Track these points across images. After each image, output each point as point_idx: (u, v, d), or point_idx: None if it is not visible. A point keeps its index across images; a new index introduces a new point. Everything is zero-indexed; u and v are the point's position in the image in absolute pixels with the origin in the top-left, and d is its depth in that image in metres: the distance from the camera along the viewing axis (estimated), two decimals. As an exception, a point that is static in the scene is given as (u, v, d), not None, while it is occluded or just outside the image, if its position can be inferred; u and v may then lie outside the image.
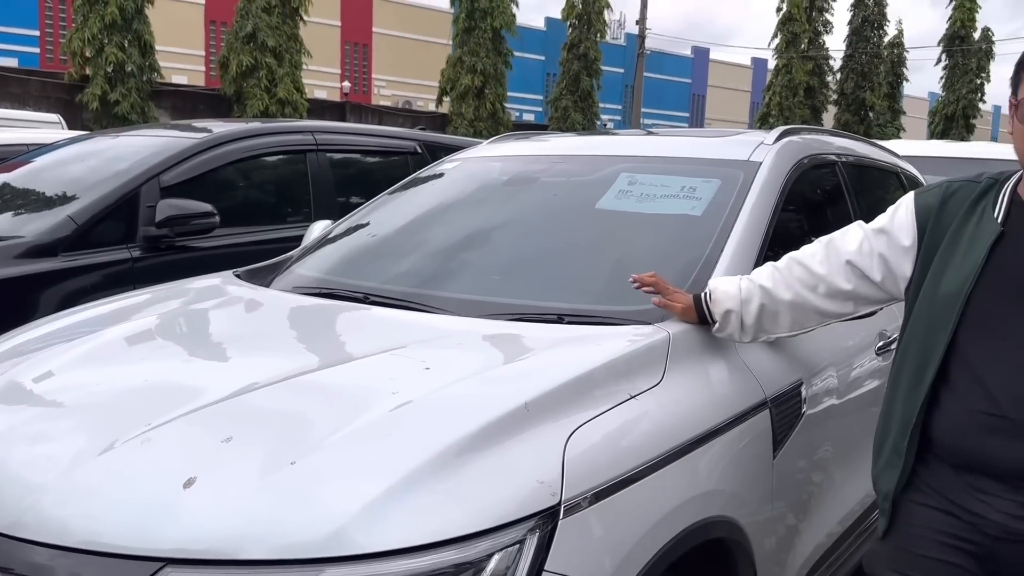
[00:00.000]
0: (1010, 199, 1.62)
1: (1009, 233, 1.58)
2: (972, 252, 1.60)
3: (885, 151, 3.78)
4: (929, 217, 1.69)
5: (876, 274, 1.79)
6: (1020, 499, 1.54)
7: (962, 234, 1.63)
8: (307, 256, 2.78)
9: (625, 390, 1.74)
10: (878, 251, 1.78)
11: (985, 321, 1.57)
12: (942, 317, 1.60)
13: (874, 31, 34.96)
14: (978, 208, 1.64)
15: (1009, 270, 1.56)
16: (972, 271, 1.58)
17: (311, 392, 1.69)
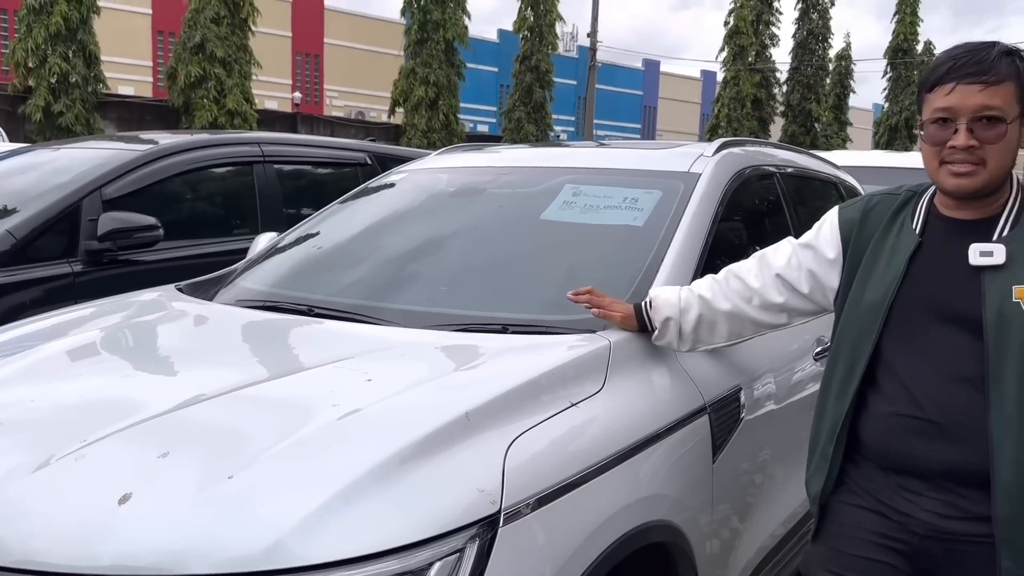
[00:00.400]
0: (927, 210, 1.69)
1: (926, 243, 1.66)
2: (893, 263, 1.67)
3: (824, 162, 3.88)
4: (852, 230, 1.77)
5: (804, 287, 1.87)
6: (945, 498, 1.60)
7: (883, 245, 1.70)
8: (251, 269, 2.77)
9: (566, 398, 1.76)
10: (806, 265, 1.86)
11: (906, 329, 1.64)
12: (866, 326, 1.67)
13: (819, 44, 35.81)
14: (898, 220, 1.71)
15: (926, 279, 1.63)
16: (893, 281, 1.65)
17: (250, 405, 1.68)
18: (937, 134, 1.58)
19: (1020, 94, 1.55)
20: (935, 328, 1.61)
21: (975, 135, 1.54)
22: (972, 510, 1.58)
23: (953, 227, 1.64)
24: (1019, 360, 1.52)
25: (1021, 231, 1.59)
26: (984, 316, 1.55)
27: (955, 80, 1.55)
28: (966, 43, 1.62)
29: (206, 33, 20.95)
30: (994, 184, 1.59)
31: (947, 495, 1.60)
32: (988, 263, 1.57)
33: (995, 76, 1.53)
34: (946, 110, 1.57)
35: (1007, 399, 1.53)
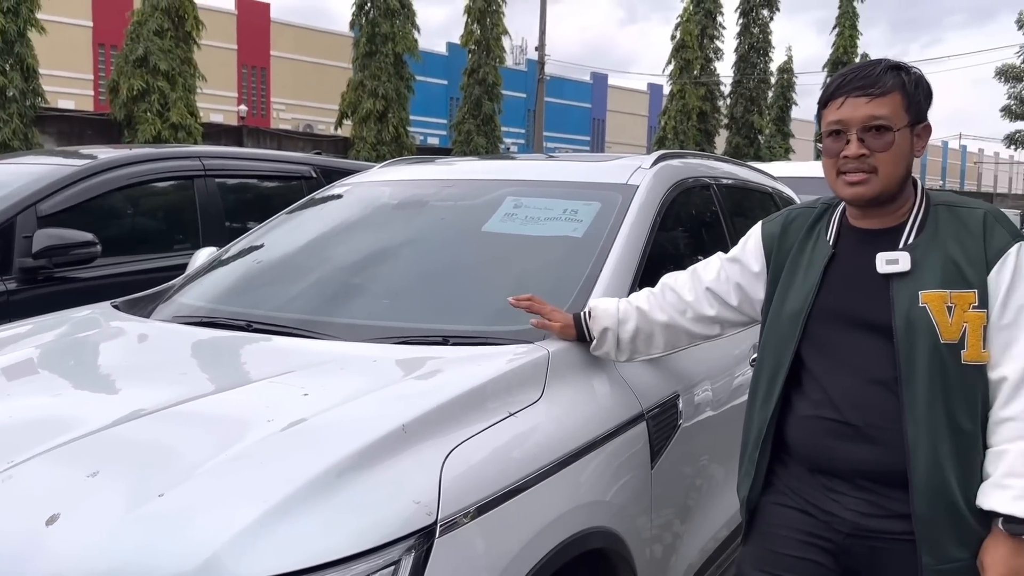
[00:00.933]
0: (839, 222, 1.77)
1: (839, 254, 1.74)
2: (809, 273, 1.75)
3: (761, 173, 3.98)
4: (773, 243, 1.86)
5: (733, 299, 1.96)
6: (867, 497, 1.66)
7: (801, 257, 1.78)
8: (189, 284, 2.74)
9: (505, 408, 1.78)
10: (733, 279, 1.95)
11: (823, 336, 1.71)
12: (787, 334, 1.75)
13: (760, 58, 36.58)
14: (814, 232, 1.80)
15: (839, 288, 1.71)
16: (810, 291, 1.72)
17: (183, 423, 1.67)
18: (832, 146, 1.67)
19: (907, 104, 1.64)
20: (850, 334, 1.68)
21: (865, 144, 1.63)
22: (892, 508, 1.64)
23: (862, 237, 1.72)
24: (928, 362, 1.59)
25: (925, 238, 1.66)
26: (893, 321, 1.62)
27: (845, 94, 1.65)
28: (855, 63, 1.74)
29: (149, 46, 20.57)
30: (889, 191, 1.66)
31: (868, 494, 1.66)
32: (895, 270, 1.64)
33: (881, 88, 1.63)
34: (838, 122, 1.66)
35: (919, 400, 1.59)
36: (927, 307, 1.60)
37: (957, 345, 1.59)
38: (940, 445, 1.59)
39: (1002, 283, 1.60)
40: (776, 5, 36.71)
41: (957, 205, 1.69)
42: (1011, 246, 1.61)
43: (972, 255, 1.62)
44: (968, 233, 1.64)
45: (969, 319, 1.59)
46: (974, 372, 1.60)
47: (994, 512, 1.57)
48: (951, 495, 1.59)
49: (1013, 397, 1.59)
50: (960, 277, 1.61)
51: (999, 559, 1.57)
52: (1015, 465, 1.56)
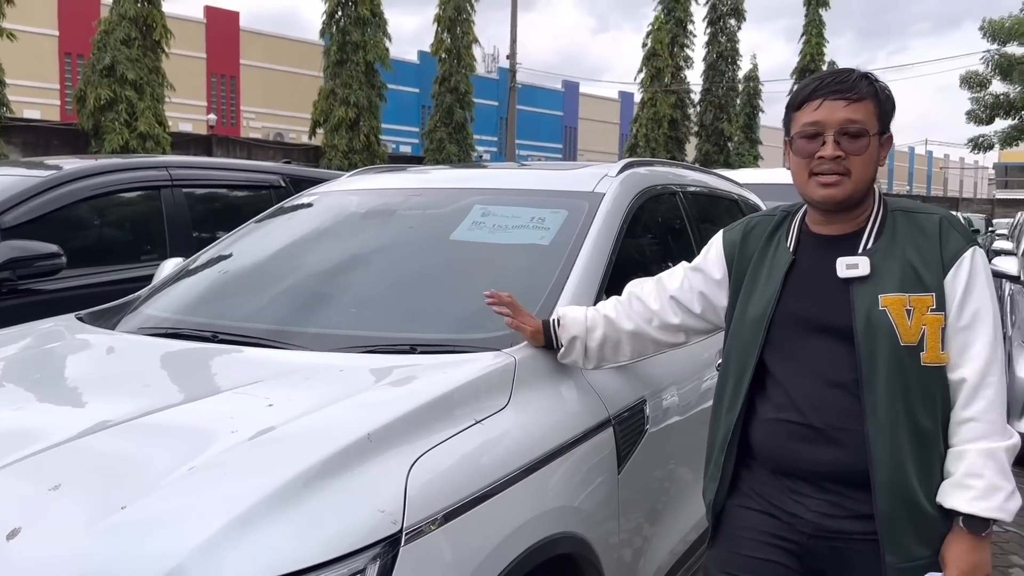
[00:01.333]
0: (799, 229, 1.81)
1: (799, 260, 1.77)
2: (771, 280, 1.78)
3: (728, 181, 4.03)
4: (735, 251, 1.89)
5: (696, 307, 1.98)
6: (829, 499, 1.69)
7: (763, 263, 1.82)
8: (155, 296, 2.72)
9: (471, 415, 1.79)
10: (696, 287, 1.97)
11: (786, 340, 1.74)
12: (750, 340, 1.77)
13: (728, 66, 36.99)
14: (774, 239, 1.83)
15: (800, 293, 1.74)
16: (772, 297, 1.75)
17: (147, 435, 1.65)
18: (806, 147, 1.70)
19: (878, 112, 1.68)
20: (811, 338, 1.71)
21: (841, 147, 1.66)
22: (855, 509, 1.66)
23: (822, 243, 1.75)
24: (888, 364, 1.62)
25: (883, 243, 1.69)
26: (854, 324, 1.65)
27: (822, 96, 1.68)
28: (830, 69, 1.77)
29: (116, 55, 20.38)
30: (858, 194, 1.69)
31: (831, 495, 1.69)
32: (855, 275, 1.68)
33: (857, 94, 1.66)
34: (815, 124, 1.68)
35: (879, 402, 1.62)
36: (887, 310, 1.64)
37: (916, 347, 1.63)
38: (901, 445, 1.62)
39: (958, 286, 1.64)
40: (743, 15, 37.16)
41: (914, 211, 1.73)
42: (966, 250, 1.66)
43: (929, 259, 1.66)
44: (925, 238, 1.68)
45: (928, 322, 1.63)
46: (933, 373, 1.64)
47: (955, 511, 1.61)
48: (912, 494, 1.62)
49: (972, 398, 1.63)
50: (918, 281, 1.64)
51: (960, 555, 1.61)
52: (974, 465, 1.60)
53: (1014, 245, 9.87)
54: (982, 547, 1.61)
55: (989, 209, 49.56)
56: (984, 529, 1.60)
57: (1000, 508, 1.58)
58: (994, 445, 1.61)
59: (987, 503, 1.58)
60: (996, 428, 1.63)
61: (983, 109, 18.23)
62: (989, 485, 1.59)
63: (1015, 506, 1.60)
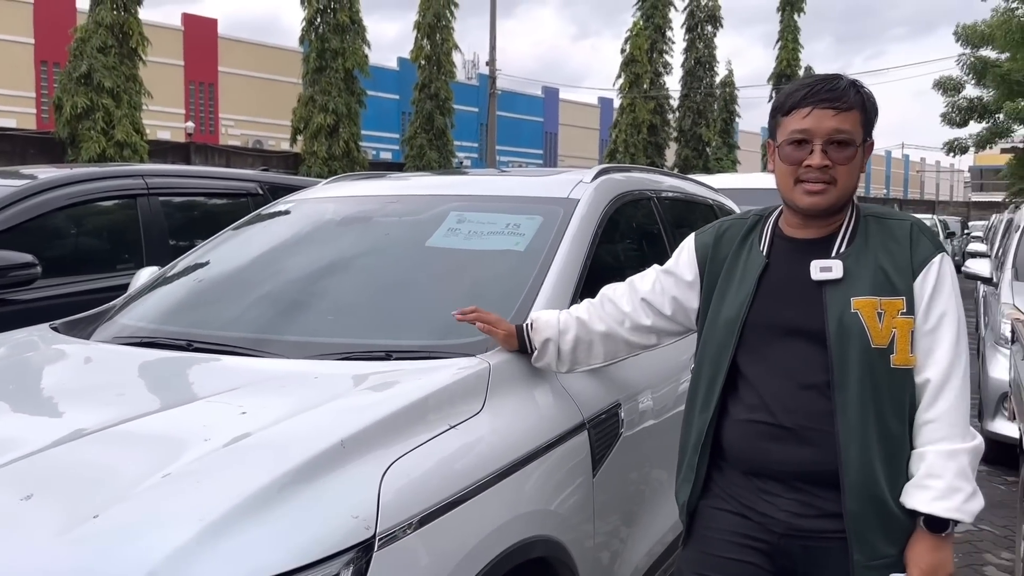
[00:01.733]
0: (772, 232, 1.83)
1: (773, 263, 1.79)
2: (744, 282, 1.80)
3: (702, 186, 4.07)
4: (707, 254, 1.91)
5: (667, 310, 2.00)
6: (800, 498, 1.72)
7: (736, 267, 1.84)
8: (130, 305, 2.71)
9: (445, 420, 1.80)
10: (668, 290, 1.99)
11: (759, 342, 1.76)
12: (724, 342, 1.79)
13: (706, 72, 37.27)
14: (747, 242, 1.85)
15: (774, 296, 1.77)
16: (745, 299, 1.78)
17: (119, 443, 1.66)
18: (794, 154, 1.72)
19: (864, 121, 1.71)
20: (783, 340, 1.74)
21: (828, 156, 1.68)
22: (824, 508, 1.69)
23: (796, 246, 1.78)
24: (859, 366, 1.65)
25: (856, 247, 1.73)
26: (827, 326, 1.68)
27: (811, 104, 1.69)
28: (818, 75, 1.78)
29: (93, 63, 20.23)
30: (842, 201, 1.73)
31: (801, 495, 1.71)
32: (828, 278, 1.70)
33: (846, 103, 1.69)
34: (803, 132, 1.70)
35: (850, 402, 1.65)
36: (859, 313, 1.66)
37: (887, 349, 1.66)
38: (870, 445, 1.65)
39: (926, 290, 1.68)
40: (720, 21, 37.44)
41: (885, 216, 1.77)
42: (935, 256, 1.70)
43: (900, 264, 1.69)
44: (896, 243, 1.71)
45: (898, 325, 1.66)
46: (902, 375, 1.67)
47: (916, 511, 1.64)
48: (880, 494, 1.65)
49: (934, 400, 1.67)
50: (889, 284, 1.68)
51: (922, 555, 1.64)
52: (934, 466, 1.64)
53: (988, 247, 10.01)
54: (943, 547, 1.64)
55: (965, 212, 50.15)
56: (944, 529, 1.63)
57: (959, 509, 1.62)
58: (955, 447, 1.64)
59: (946, 503, 1.61)
60: (958, 430, 1.66)
61: (957, 113, 18.47)
62: (948, 486, 1.62)
63: (976, 507, 1.63)
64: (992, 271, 6.77)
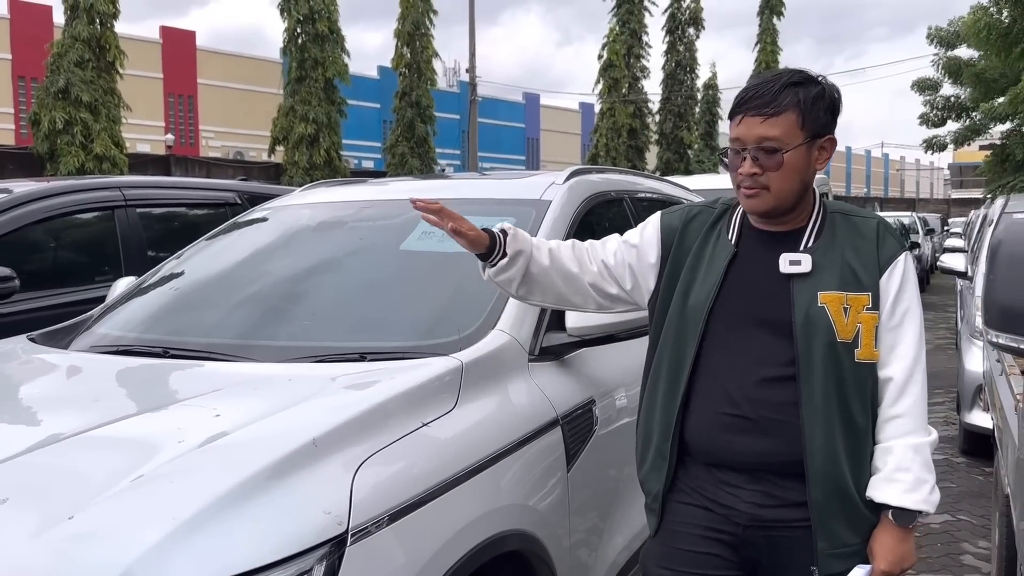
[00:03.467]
0: (740, 222, 1.84)
1: (741, 253, 1.80)
2: (711, 271, 1.80)
3: (676, 186, 4.12)
4: (673, 237, 1.88)
5: (626, 282, 1.92)
6: (763, 488, 1.74)
7: (703, 254, 1.84)
8: (108, 315, 2.73)
9: (418, 418, 1.83)
10: (628, 261, 1.92)
11: (725, 332, 1.77)
12: (689, 329, 1.80)
13: (687, 75, 37.51)
14: (715, 231, 1.85)
15: (741, 286, 1.78)
16: (712, 288, 1.78)
17: (94, 447, 1.68)
18: (732, 160, 1.76)
19: (803, 122, 1.70)
20: (750, 331, 1.75)
21: (758, 163, 1.70)
22: (787, 498, 1.72)
23: (764, 238, 1.80)
24: (824, 359, 1.68)
25: (824, 241, 1.75)
26: (793, 318, 1.70)
27: (743, 113, 1.72)
28: (763, 74, 1.79)
29: (70, 77, 20.14)
30: (783, 205, 1.74)
31: (764, 485, 1.74)
32: (796, 271, 1.73)
33: (775, 108, 1.69)
34: (736, 140, 1.74)
35: (815, 394, 1.68)
36: (825, 307, 1.69)
37: (852, 344, 1.69)
38: (835, 436, 1.68)
39: (891, 287, 1.72)
40: (701, 23, 37.69)
41: (852, 214, 1.80)
42: (900, 254, 1.74)
43: (866, 260, 1.73)
44: (863, 240, 1.74)
45: (863, 320, 1.70)
46: (866, 369, 1.71)
47: (885, 504, 1.68)
48: (844, 483, 1.69)
49: (900, 395, 1.71)
50: (856, 280, 1.71)
51: (888, 547, 1.68)
52: (903, 460, 1.68)
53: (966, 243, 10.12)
54: (908, 538, 1.69)
55: (945, 209, 50.58)
56: (911, 521, 1.68)
57: (925, 500, 1.67)
58: (919, 440, 1.69)
59: (915, 496, 1.66)
60: (920, 424, 1.71)
61: (935, 112, 18.66)
62: (916, 479, 1.67)
63: (937, 498, 1.69)
64: (967, 265, 6.85)
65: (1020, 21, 13.03)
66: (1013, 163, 16.33)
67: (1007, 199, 7.26)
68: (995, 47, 13.75)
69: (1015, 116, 14.40)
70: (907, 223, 19.50)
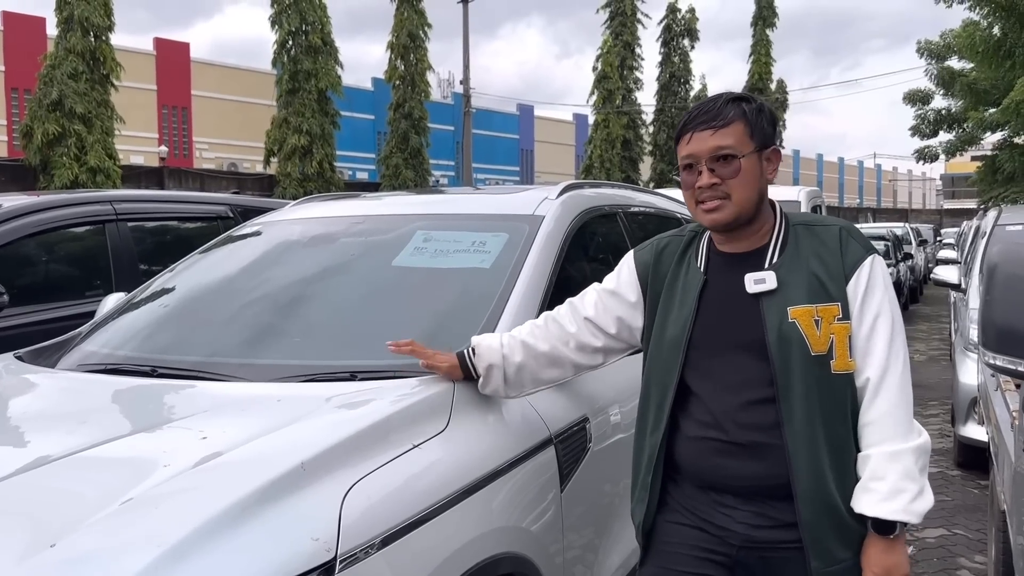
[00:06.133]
0: (708, 248, 1.84)
1: (711, 279, 1.80)
2: (685, 301, 1.81)
3: (669, 200, 4.10)
4: (648, 271, 1.91)
5: (612, 328, 1.98)
6: (755, 510, 1.73)
7: (676, 284, 1.84)
8: (96, 332, 2.69)
9: (408, 440, 1.81)
10: (611, 309, 1.97)
11: (704, 359, 1.77)
12: (670, 360, 1.80)
13: (681, 86, 37.68)
14: (685, 259, 1.86)
15: (714, 312, 1.78)
16: (688, 317, 1.79)
17: (79, 471, 1.64)
18: (687, 179, 1.77)
19: (751, 131, 1.73)
20: (727, 355, 1.75)
21: (716, 173, 1.71)
22: (779, 519, 1.70)
23: (730, 261, 1.79)
24: (802, 374, 1.67)
25: (787, 257, 1.75)
26: (767, 338, 1.70)
27: (691, 130, 1.75)
28: (706, 98, 1.82)
29: (64, 89, 20.13)
30: (745, 214, 1.74)
31: (756, 507, 1.73)
32: (763, 289, 1.72)
33: (722, 120, 1.72)
34: (688, 156, 1.75)
35: (795, 412, 1.67)
36: (796, 322, 1.68)
37: (826, 356, 1.68)
38: (819, 454, 1.66)
39: (859, 293, 1.70)
40: (696, 35, 37.89)
41: (814, 224, 1.79)
42: (865, 258, 1.72)
43: (832, 269, 1.71)
44: (827, 249, 1.73)
45: (835, 331, 1.68)
46: (843, 381, 1.69)
47: (864, 515, 1.66)
48: (832, 500, 1.66)
49: (872, 401, 1.68)
50: (823, 291, 1.70)
51: (876, 558, 1.66)
52: (877, 469, 1.65)
53: (959, 254, 10.14)
54: (895, 548, 1.66)
55: (937, 219, 50.84)
56: (892, 531, 1.64)
57: (905, 510, 1.63)
58: (897, 447, 1.66)
59: (891, 505, 1.63)
60: (900, 430, 1.67)
61: (927, 124, 18.76)
62: (892, 488, 1.63)
63: (923, 507, 1.64)
64: (960, 277, 6.85)
65: (1012, 34, 13.11)
66: (1004, 174, 16.40)
67: (1000, 211, 7.29)
68: (988, 60, 13.83)
69: (1006, 126, 14.47)
70: (900, 234, 19.52)
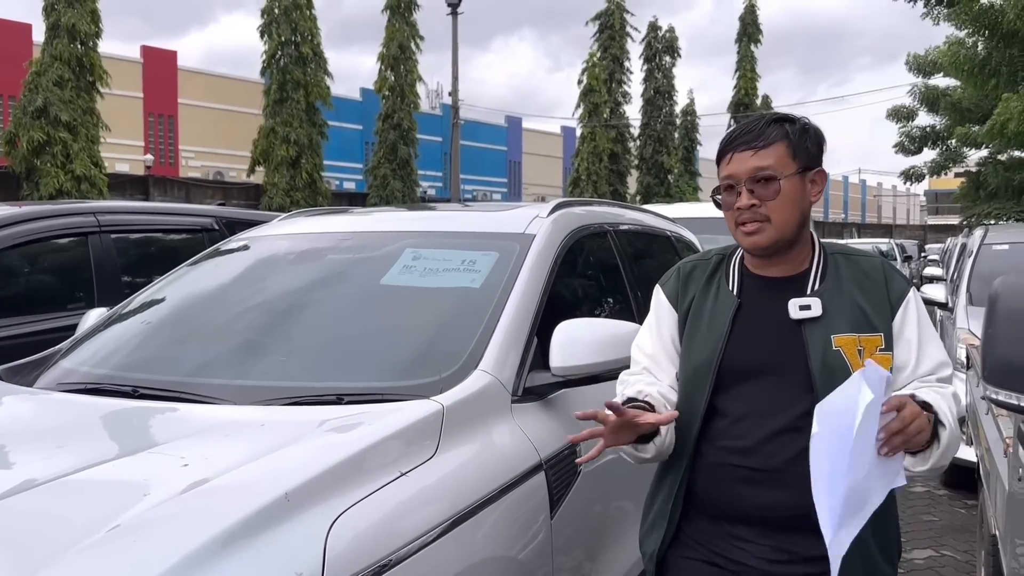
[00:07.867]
0: (740, 271, 1.80)
1: (745, 303, 1.76)
2: (715, 324, 1.75)
3: (660, 217, 4.08)
4: (678, 296, 1.86)
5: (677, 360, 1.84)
6: (774, 543, 1.67)
7: (703, 308, 1.80)
8: (76, 349, 2.63)
9: (395, 467, 1.76)
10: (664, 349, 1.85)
11: (736, 384, 1.72)
12: (698, 385, 1.74)
13: (665, 101, 37.86)
14: (714, 282, 1.82)
15: (750, 336, 1.73)
16: (719, 341, 1.73)
17: (57, 499, 1.58)
18: (727, 200, 1.73)
19: (793, 152, 1.70)
20: (761, 381, 1.70)
21: (755, 195, 1.68)
22: (799, 552, 1.65)
23: (767, 285, 1.76)
24: None
25: (830, 284, 1.72)
26: (810, 364, 1.65)
27: (732, 151, 1.72)
28: (747, 119, 1.79)
29: (49, 96, 19.98)
30: (785, 238, 1.70)
31: (776, 540, 1.67)
32: (807, 316, 1.69)
33: (764, 141, 1.69)
34: (729, 177, 1.72)
35: None
36: (841, 350, 1.65)
37: None
38: None
39: (909, 325, 1.71)
40: (678, 51, 38.14)
41: (852, 254, 1.78)
42: (908, 292, 1.73)
43: (876, 301, 1.70)
44: (870, 281, 1.72)
45: (877, 361, 1.64)
46: None
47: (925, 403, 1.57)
48: (864, 535, 1.60)
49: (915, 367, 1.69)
50: (867, 322, 1.68)
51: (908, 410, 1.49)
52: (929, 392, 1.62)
53: (944, 270, 10.18)
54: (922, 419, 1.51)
55: (921, 235, 51.24)
56: None
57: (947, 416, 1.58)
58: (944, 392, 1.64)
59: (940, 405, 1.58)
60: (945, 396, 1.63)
61: (911, 141, 18.90)
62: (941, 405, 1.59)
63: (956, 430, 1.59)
64: (947, 296, 6.86)
65: (996, 53, 13.23)
66: (988, 190, 16.53)
67: (986, 230, 7.32)
68: (973, 79, 13.95)
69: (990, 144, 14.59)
70: (885, 249, 19.65)
